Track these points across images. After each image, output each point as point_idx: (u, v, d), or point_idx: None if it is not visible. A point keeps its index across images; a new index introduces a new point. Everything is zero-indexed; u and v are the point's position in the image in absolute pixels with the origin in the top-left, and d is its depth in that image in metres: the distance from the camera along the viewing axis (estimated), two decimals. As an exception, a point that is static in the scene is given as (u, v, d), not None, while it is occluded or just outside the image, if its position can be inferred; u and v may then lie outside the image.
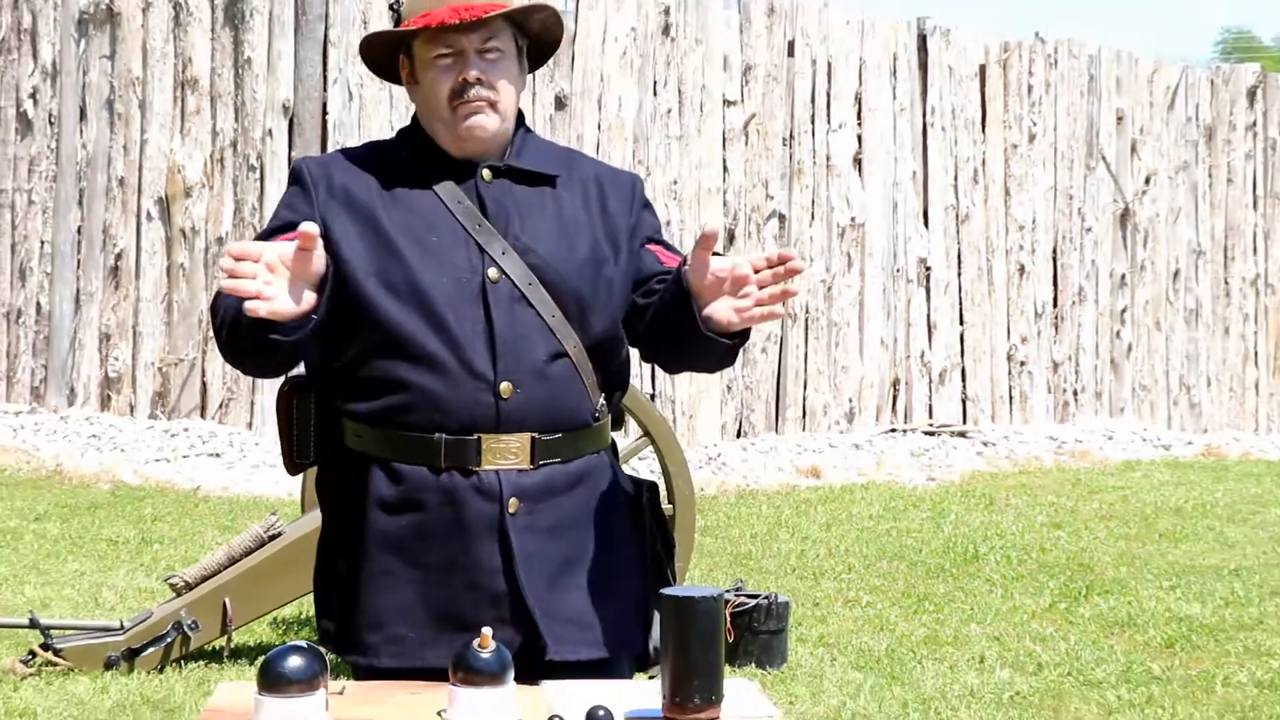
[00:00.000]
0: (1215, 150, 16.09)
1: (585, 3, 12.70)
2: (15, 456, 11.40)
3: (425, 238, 3.18)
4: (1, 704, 5.95)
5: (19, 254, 12.50)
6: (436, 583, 3.17)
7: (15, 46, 12.53)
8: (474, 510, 3.16)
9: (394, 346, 3.14)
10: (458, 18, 3.15)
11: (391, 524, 3.17)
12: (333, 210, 3.19)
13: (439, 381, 3.13)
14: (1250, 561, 9.40)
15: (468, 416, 3.15)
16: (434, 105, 3.22)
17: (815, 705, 6.24)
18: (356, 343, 3.16)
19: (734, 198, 13.33)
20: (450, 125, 3.22)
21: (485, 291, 3.17)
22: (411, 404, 3.14)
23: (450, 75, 3.20)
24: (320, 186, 3.21)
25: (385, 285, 3.14)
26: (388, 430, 3.16)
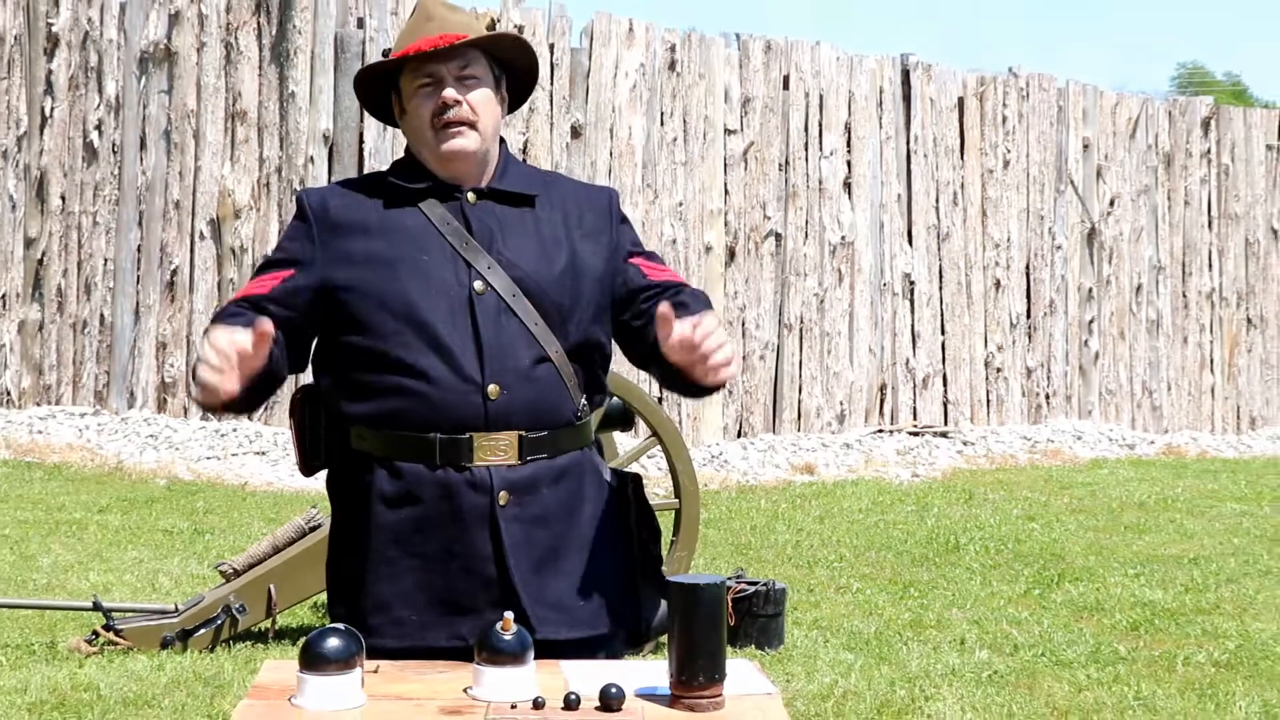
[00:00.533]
0: (1173, 175, 16.06)
1: (599, 41, 12.69)
2: (80, 454, 11.40)
3: (417, 256, 3.22)
4: (68, 678, 5.95)
5: (85, 270, 12.51)
6: (434, 570, 3.19)
7: (83, 83, 12.54)
8: (467, 503, 3.18)
9: (391, 358, 3.17)
10: (430, 45, 3.22)
11: (393, 517, 3.20)
12: (331, 238, 3.24)
13: (432, 387, 3.17)
14: (1208, 551, 9.37)
15: (459, 417, 3.18)
16: (419, 129, 3.27)
17: (810, 683, 6.22)
18: (357, 354, 3.20)
19: (734, 218, 13.32)
20: (434, 146, 3.26)
21: (472, 303, 3.20)
22: (408, 408, 3.17)
23: (432, 99, 3.24)
24: (319, 218, 3.26)
25: (381, 304, 3.18)
26: (387, 431, 3.19)
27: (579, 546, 3.29)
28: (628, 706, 2.74)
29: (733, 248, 13.30)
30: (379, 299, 3.18)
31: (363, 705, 2.78)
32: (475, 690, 2.83)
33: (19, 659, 6.25)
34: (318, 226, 3.24)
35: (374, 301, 3.18)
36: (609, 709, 2.72)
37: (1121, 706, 6.00)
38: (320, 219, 3.25)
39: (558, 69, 12.56)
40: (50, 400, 12.56)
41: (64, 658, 6.29)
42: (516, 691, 2.80)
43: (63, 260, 12.56)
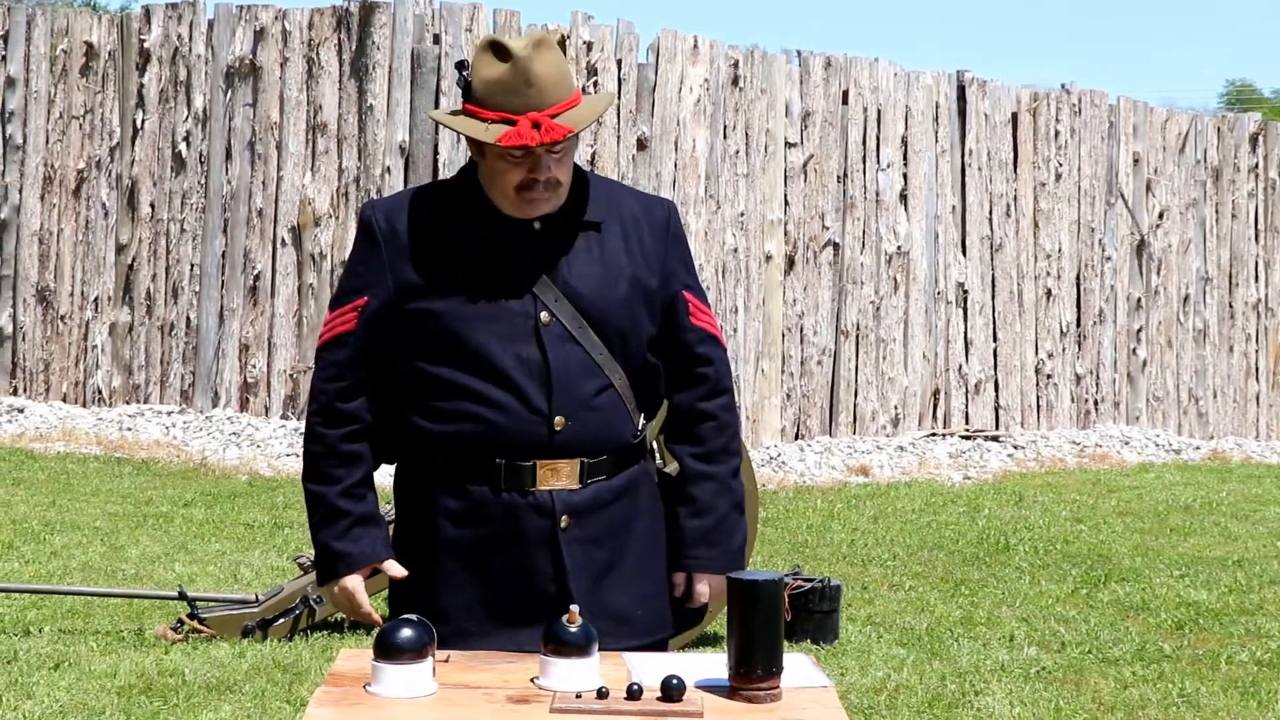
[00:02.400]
0: (1221, 189, 15.92)
1: (664, 57, 12.70)
2: (167, 451, 11.50)
3: (486, 284, 3.16)
4: (155, 664, 6.01)
5: (172, 275, 12.62)
6: (496, 585, 3.21)
7: (172, 96, 12.66)
8: (530, 525, 3.19)
9: (460, 385, 3.16)
10: (536, 141, 3.04)
11: (458, 534, 3.21)
12: (401, 261, 3.18)
13: (501, 416, 3.15)
14: (1251, 554, 9.28)
15: (524, 445, 3.17)
16: (499, 185, 3.16)
17: (863, 677, 6.21)
18: (426, 378, 3.18)
19: (794, 228, 13.30)
20: (514, 204, 3.16)
21: (539, 333, 3.16)
22: (475, 433, 3.16)
23: (520, 171, 3.11)
24: (388, 240, 3.19)
25: (453, 332, 3.15)
26: (455, 454, 3.18)
27: (636, 557, 3.29)
28: (688, 697, 2.75)
29: (792, 256, 13.28)
30: (451, 327, 3.14)
31: (434, 693, 2.80)
32: (542, 680, 2.84)
33: (109, 645, 6.32)
34: (386, 249, 3.18)
35: (446, 329, 3.15)
36: (670, 699, 2.73)
37: (1166, 703, 5.96)
38: (389, 241, 3.18)
39: (625, 84, 12.58)
40: (139, 399, 12.67)
41: (151, 644, 6.36)
42: (581, 682, 2.81)
43: (152, 265, 12.68)
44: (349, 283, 3.23)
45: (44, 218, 12.79)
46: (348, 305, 3.20)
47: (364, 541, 3.19)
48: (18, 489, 9.86)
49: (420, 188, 3.31)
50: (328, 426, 3.20)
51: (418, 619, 2.85)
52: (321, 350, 3.24)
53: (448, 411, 3.17)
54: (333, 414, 3.20)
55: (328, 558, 3.20)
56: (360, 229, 3.24)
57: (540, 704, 2.74)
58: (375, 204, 3.26)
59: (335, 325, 3.22)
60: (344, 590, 3.20)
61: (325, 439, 3.20)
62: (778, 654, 2.81)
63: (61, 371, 12.80)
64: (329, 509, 3.20)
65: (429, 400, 3.18)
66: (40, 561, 7.85)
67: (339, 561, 3.19)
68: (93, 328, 12.74)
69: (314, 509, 3.22)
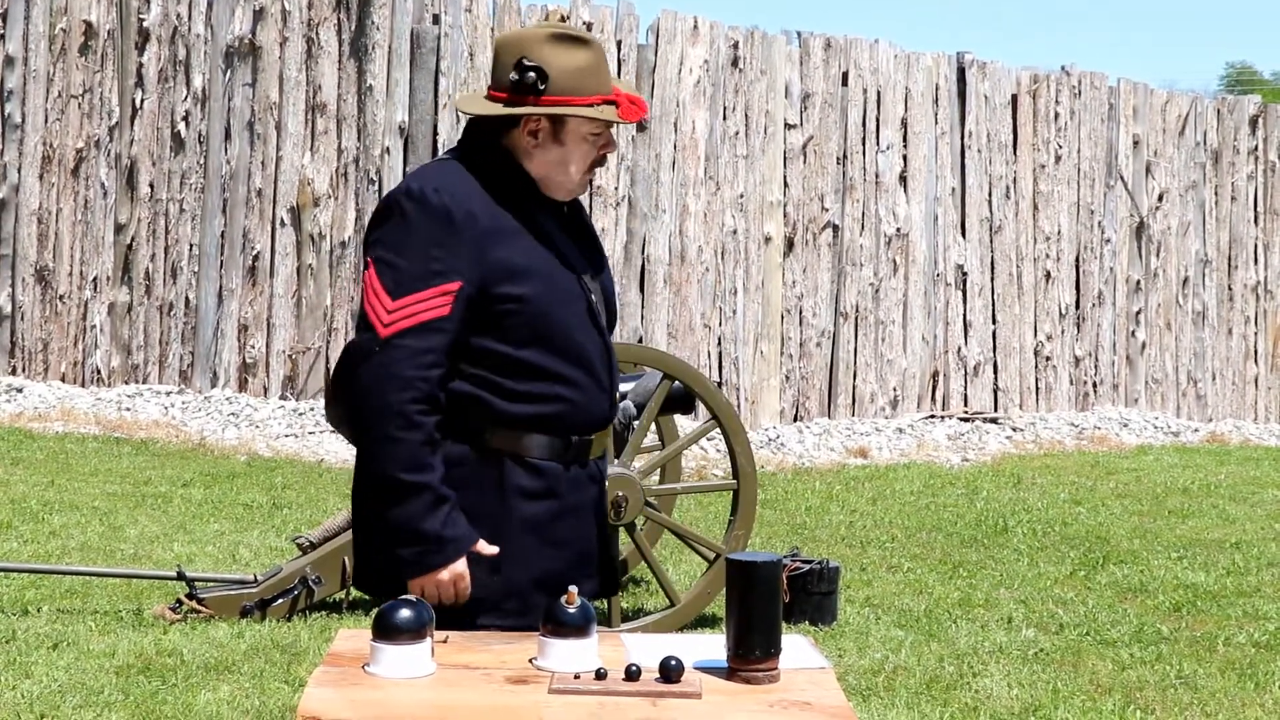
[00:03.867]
0: (1221, 171, 15.90)
1: (664, 38, 12.68)
2: (166, 430, 11.50)
3: (552, 268, 3.25)
4: (154, 644, 6.01)
5: (171, 255, 12.61)
6: (559, 555, 3.32)
7: (171, 76, 12.63)
8: (588, 495, 3.36)
9: (541, 366, 3.23)
10: (637, 116, 3.27)
11: (532, 509, 3.27)
12: (481, 246, 3.18)
13: (581, 395, 3.27)
14: (1249, 536, 9.29)
15: (594, 421, 3.33)
16: (571, 168, 3.27)
17: (861, 658, 6.21)
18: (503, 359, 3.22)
19: (793, 210, 13.29)
20: (574, 184, 3.30)
21: (593, 314, 3.30)
22: (559, 413, 3.25)
23: (595, 148, 3.28)
24: (466, 224, 3.17)
25: (537, 315, 3.20)
26: (529, 433, 3.25)
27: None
28: (686, 678, 2.75)
29: (791, 238, 13.27)
30: (538, 311, 3.20)
31: (433, 673, 2.80)
32: (540, 661, 2.84)
33: (107, 625, 6.32)
34: (468, 233, 3.16)
35: (533, 314, 3.19)
36: (668, 680, 2.73)
37: (1163, 685, 5.96)
38: (467, 224, 3.17)
39: (624, 65, 12.56)
40: (138, 379, 12.67)
41: (149, 624, 6.36)
42: (580, 662, 2.81)
43: (151, 245, 12.66)
44: (426, 265, 3.15)
45: (43, 197, 12.76)
46: (435, 289, 3.14)
47: (463, 525, 3.19)
48: (16, 469, 9.86)
49: (447, 166, 3.29)
50: (427, 415, 3.14)
51: (416, 600, 2.85)
52: (403, 336, 3.13)
53: (530, 393, 3.23)
54: (431, 402, 3.14)
55: (438, 544, 3.16)
56: (419, 208, 3.18)
57: (538, 684, 2.74)
58: (432, 185, 3.20)
59: (421, 310, 3.14)
60: (456, 574, 3.19)
61: (424, 426, 3.13)
62: (776, 635, 2.81)
63: (60, 351, 12.79)
64: (434, 496, 3.15)
65: (508, 382, 3.22)
66: (39, 541, 7.85)
67: (450, 546, 3.17)
68: (91, 307, 12.73)
69: (411, 497, 3.14)
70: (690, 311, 12.74)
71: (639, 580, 7.62)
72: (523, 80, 3.21)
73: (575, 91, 3.21)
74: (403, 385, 3.11)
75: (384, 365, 3.12)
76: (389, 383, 3.12)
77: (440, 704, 2.65)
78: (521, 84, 3.22)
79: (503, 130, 3.30)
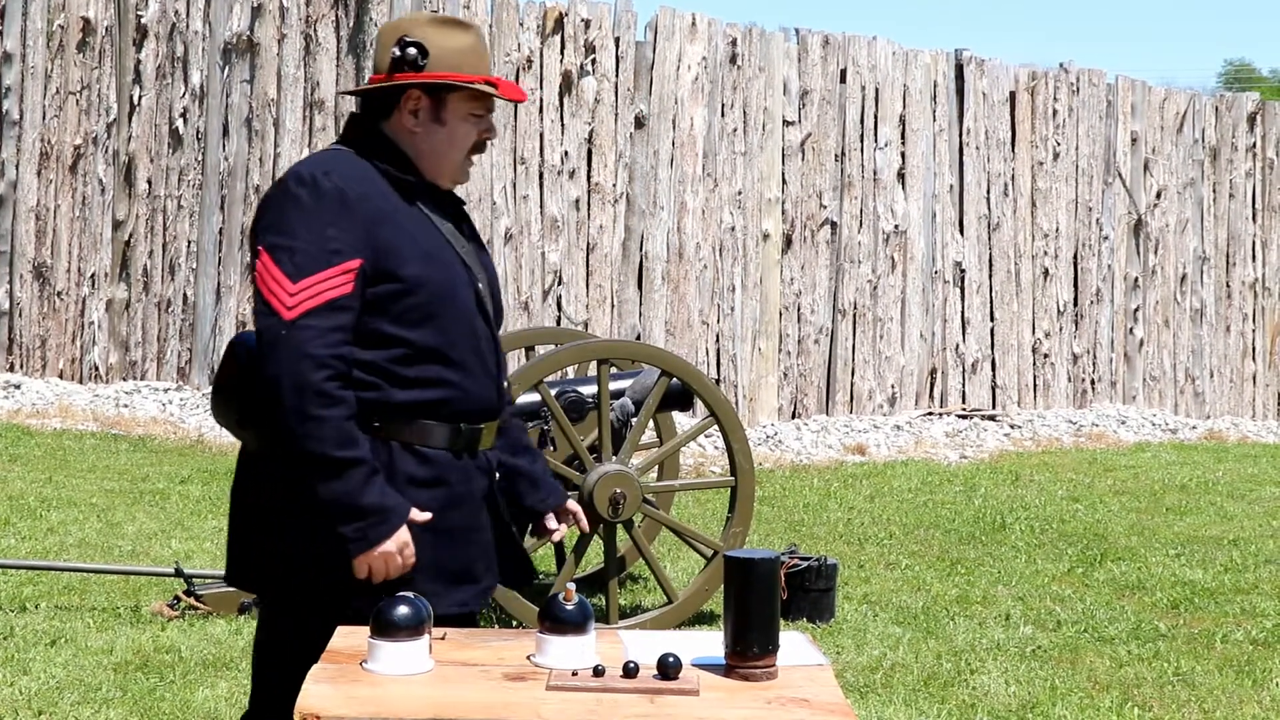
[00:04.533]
0: (1219, 168, 15.91)
1: (662, 35, 12.68)
2: (164, 427, 11.50)
3: (444, 255, 3.27)
4: (151, 641, 6.01)
5: (169, 252, 12.61)
6: (451, 545, 3.29)
7: (169, 72, 12.63)
8: (479, 485, 3.34)
9: (434, 351, 3.22)
10: (520, 98, 3.35)
11: (421, 497, 3.24)
12: (377, 229, 3.18)
13: (468, 380, 3.26)
14: (1247, 533, 9.29)
15: (483, 409, 3.32)
16: (455, 149, 3.31)
17: (859, 655, 6.22)
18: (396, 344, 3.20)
19: (791, 207, 13.29)
20: (457, 169, 3.33)
21: (480, 302, 3.32)
22: (446, 399, 3.24)
23: (477, 130, 3.32)
24: (360, 206, 3.17)
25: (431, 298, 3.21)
26: (419, 419, 3.23)
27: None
28: (684, 675, 2.75)
29: (789, 235, 13.27)
30: (426, 294, 3.19)
31: (430, 670, 2.80)
32: (538, 658, 2.85)
33: (105, 621, 6.32)
34: (361, 213, 3.16)
35: (421, 296, 3.18)
36: (666, 677, 2.73)
37: (1161, 682, 5.97)
38: (360, 206, 3.16)
39: (623, 61, 12.56)
40: (136, 376, 12.67)
41: (147, 621, 6.36)
42: (577, 659, 2.81)
43: (149, 242, 12.66)
44: (323, 246, 3.13)
45: (41, 194, 12.76)
46: (336, 268, 3.12)
47: (396, 495, 3.18)
48: (14, 465, 9.86)
49: (334, 154, 3.29)
50: (345, 390, 3.13)
51: (414, 597, 2.85)
52: (309, 316, 3.10)
53: (418, 378, 3.21)
54: (346, 378, 3.13)
55: (381, 515, 3.14)
56: (312, 191, 3.15)
57: (536, 681, 2.74)
58: (322, 168, 3.19)
59: (325, 289, 3.11)
60: (402, 542, 3.17)
61: (347, 400, 3.12)
62: (774, 632, 2.81)
63: (58, 348, 12.79)
64: (370, 468, 3.13)
65: (396, 367, 3.20)
66: (36, 538, 7.85)
67: (393, 515, 3.15)
68: (89, 304, 12.73)
69: (346, 473, 3.11)
70: (688, 308, 12.74)
71: (637, 577, 7.63)
72: (404, 57, 3.25)
73: (456, 69, 3.25)
74: (318, 364, 3.09)
75: (295, 347, 3.08)
76: (303, 363, 3.08)
77: (438, 701, 2.65)
78: (402, 60, 3.25)
79: (384, 116, 3.32)
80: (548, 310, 12.34)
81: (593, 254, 12.47)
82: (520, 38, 12.26)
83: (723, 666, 2.82)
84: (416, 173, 3.30)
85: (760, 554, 2.83)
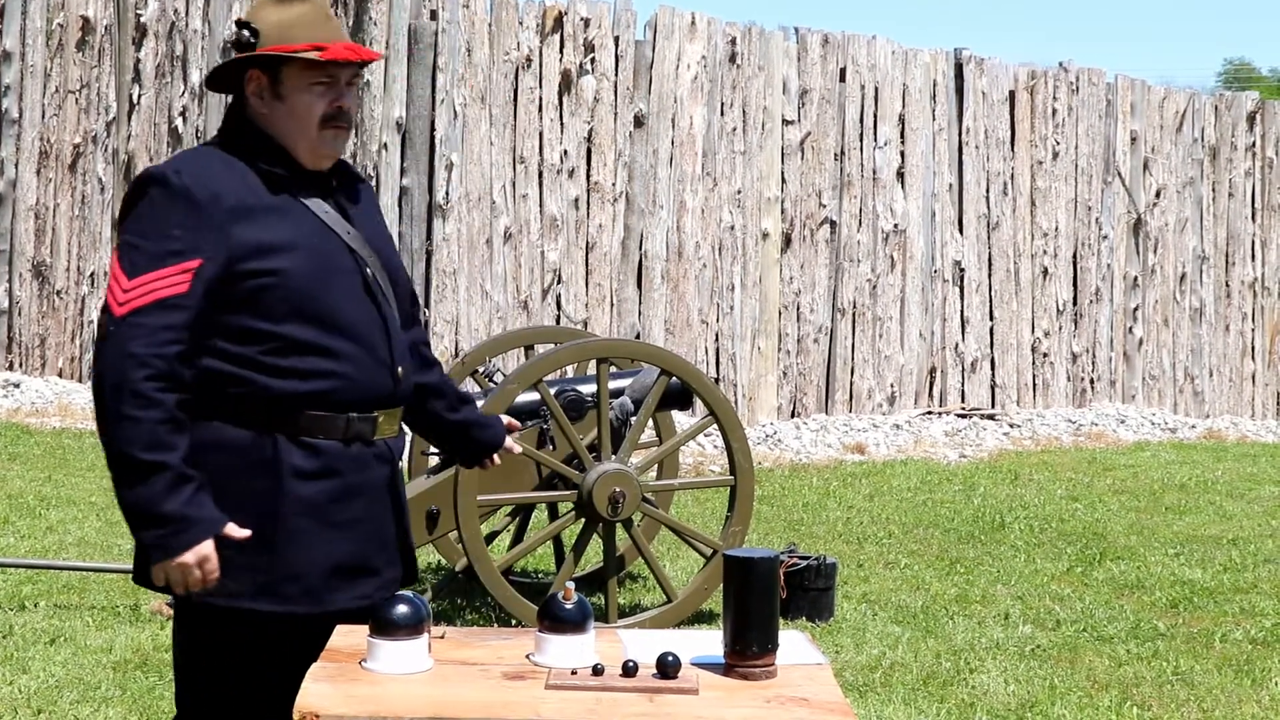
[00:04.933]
0: (1218, 168, 15.90)
1: (662, 34, 12.68)
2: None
3: (316, 243, 3.23)
4: (151, 639, 6.02)
5: (168, 250, 12.59)
6: (344, 537, 3.26)
7: (169, 71, 12.63)
8: (376, 474, 3.30)
9: (308, 342, 3.18)
10: (355, 56, 3.25)
11: (307, 490, 3.21)
12: (229, 224, 3.15)
13: (353, 369, 3.22)
14: (1246, 532, 9.30)
15: (373, 397, 3.27)
16: (303, 124, 3.25)
17: (858, 655, 6.22)
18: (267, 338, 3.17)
19: (791, 206, 13.29)
20: (315, 144, 3.27)
21: (369, 288, 3.28)
22: (330, 389, 3.21)
23: (324, 100, 3.25)
24: (209, 203, 3.15)
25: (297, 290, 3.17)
26: (303, 411, 3.20)
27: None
28: (684, 674, 2.75)
29: (789, 234, 13.27)
30: (297, 286, 3.17)
31: (430, 669, 2.80)
32: (537, 657, 2.85)
33: (104, 620, 6.32)
34: (212, 213, 3.14)
35: (291, 288, 3.16)
36: (666, 676, 2.74)
37: (1160, 681, 5.97)
38: (211, 204, 3.14)
39: (622, 60, 12.56)
40: (135, 374, 12.66)
41: (147, 620, 6.36)
42: (577, 658, 2.82)
43: (148, 241, 12.66)
44: (166, 245, 3.12)
45: (40, 192, 12.75)
46: (172, 267, 3.10)
47: (209, 506, 3.12)
48: (13, 464, 9.86)
49: (201, 151, 3.31)
50: (165, 392, 3.08)
51: (413, 595, 2.86)
52: (138, 314, 3.08)
53: (296, 369, 3.18)
54: (169, 379, 3.08)
55: (182, 525, 3.07)
56: (163, 191, 3.15)
57: (536, 680, 2.75)
58: (175, 167, 3.20)
59: (159, 288, 3.10)
60: (202, 556, 3.10)
61: (164, 404, 3.07)
62: (773, 631, 2.81)
63: (58, 347, 12.79)
64: (175, 475, 3.07)
65: (273, 359, 3.17)
66: (36, 536, 7.85)
67: (195, 527, 3.09)
68: (89, 303, 12.72)
69: (151, 477, 3.06)
70: (687, 307, 12.74)
71: (636, 576, 7.63)
72: (239, 40, 3.28)
73: (283, 41, 3.23)
74: (138, 364, 3.07)
75: (119, 344, 3.08)
76: (124, 361, 3.07)
77: (437, 699, 2.65)
78: (238, 43, 3.28)
79: (241, 103, 3.32)
80: (547, 309, 12.34)
81: (592, 253, 12.47)
82: (520, 36, 12.26)
83: (722, 665, 2.83)
84: (293, 163, 3.27)
85: (759, 553, 2.84)
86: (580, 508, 6.32)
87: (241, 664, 3.23)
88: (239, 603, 3.18)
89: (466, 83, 12.08)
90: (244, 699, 3.24)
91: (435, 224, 11.98)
